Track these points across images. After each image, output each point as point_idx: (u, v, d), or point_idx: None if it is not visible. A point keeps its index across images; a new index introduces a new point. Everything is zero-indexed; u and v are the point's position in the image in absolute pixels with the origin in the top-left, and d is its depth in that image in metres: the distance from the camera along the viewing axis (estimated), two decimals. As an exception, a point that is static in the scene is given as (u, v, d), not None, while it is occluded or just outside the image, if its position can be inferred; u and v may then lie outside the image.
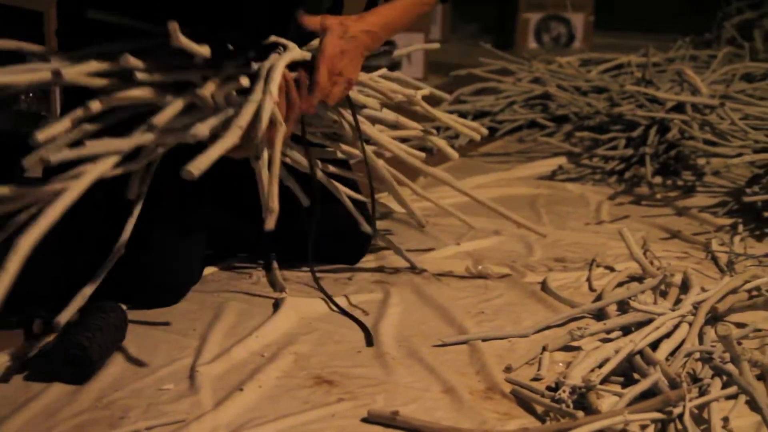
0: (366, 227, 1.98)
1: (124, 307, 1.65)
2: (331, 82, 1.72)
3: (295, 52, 1.70)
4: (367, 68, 1.88)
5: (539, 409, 1.46)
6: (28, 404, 1.42)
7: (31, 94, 3.01)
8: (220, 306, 1.81)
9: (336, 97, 1.74)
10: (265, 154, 1.58)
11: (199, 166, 1.41)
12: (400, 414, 1.40)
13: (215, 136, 1.50)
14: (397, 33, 1.91)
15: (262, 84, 1.60)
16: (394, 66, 4.80)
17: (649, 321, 1.67)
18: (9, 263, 1.19)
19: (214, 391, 1.49)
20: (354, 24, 1.76)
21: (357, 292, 1.92)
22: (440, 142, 2.09)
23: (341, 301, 1.87)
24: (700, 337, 1.66)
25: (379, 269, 2.04)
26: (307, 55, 1.73)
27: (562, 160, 3.03)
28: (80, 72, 1.52)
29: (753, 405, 1.43)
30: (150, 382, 1.52)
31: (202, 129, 1.47)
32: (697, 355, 1.58)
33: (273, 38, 1.71)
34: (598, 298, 1.90)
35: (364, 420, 1.42)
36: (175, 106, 1.54)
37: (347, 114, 1.84)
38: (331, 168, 1.93)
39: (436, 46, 2.24)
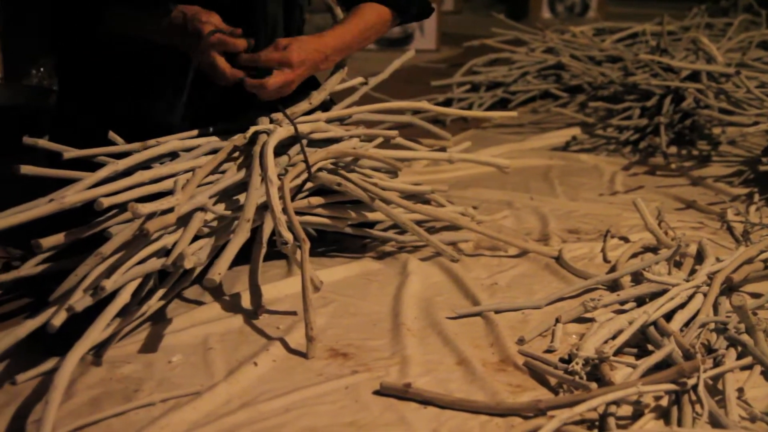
0: None
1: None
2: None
3: (281, 131, 1.75)
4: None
5: (552, 381, 1.46)
6: (42, 378, 1.42)
7: (42, 69, 3.01)
8: (232, 278, 1.81)
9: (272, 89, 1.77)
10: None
11: (219, 270, 1.45)
12: (412, 386, 1.40)
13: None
14: (350, 53, 1.95)
15: (257, 170, 1.66)
16: (405, 39, 4.78)
17: (664, 292, 1.67)
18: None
19: (227, 364, 1.49)
20: (310, 39, 1.83)
21: (372, 262, 1.92)
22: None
23: (355, 270, 1.87)
24: (715, 307, 1.65)
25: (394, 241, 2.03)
26: (291, 131, 1.78)
27: (575, 131, 3.02)
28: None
29: (768, 375, 1.42)
30: (160, 355, 1.52)
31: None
32: (712, 325, 1.58)
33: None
34: (613, 269, 1.90)
35: (377, 392, 1.42)
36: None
37: (349, 180, 1.85)
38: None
39: (410, 54, 2.21)
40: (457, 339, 1.60)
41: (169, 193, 1.57)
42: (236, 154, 1.74)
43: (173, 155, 1.70)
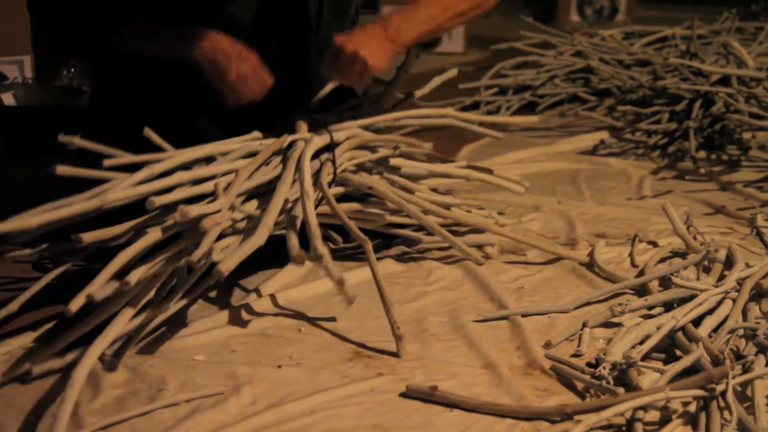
0: None
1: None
2: (350, 60, 1.72)
3: (318, 141, 1.74)
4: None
5: (579, 385, 1.45)
6: (63, 379, 1.42)
7: (73, 70, 3.03)
8: (255, 281, 1.81)
9: (353, 76, 1.74)
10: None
11: (229, 265, 1.42)
12: (438, 389, 1.40)
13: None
14: (440, 29, 1.87)
15: (289, 178, 1.65)
16: (433, 42, 4.76)
17: (692, 297, 1.65)
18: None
19: (251, 366, 1.49)
20: (370, 26, 1.77)
21: (395, 265, 1.92)
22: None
23: (378, 272, 1.86)
24: (744, 313, 1.64)
25: (417, 245, 2.02)
26: (327, 140, 1.77)
27: (603, 135, 3.00)
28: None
29: (798, 383, 1.40)
30: (183, 356, 1.52)
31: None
32: (741, 331, 1.56)
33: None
34: (641, 273, 1.88)
35: (403, 395, 1.42)
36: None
37: (380, 183, 1.84)
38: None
39: (453, 73, 2.18)
40: (482, 342, 1.59)
41: (207, 195, 1.57)
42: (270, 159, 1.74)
43: (209, 159, 1.70)
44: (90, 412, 1.34)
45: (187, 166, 1.65)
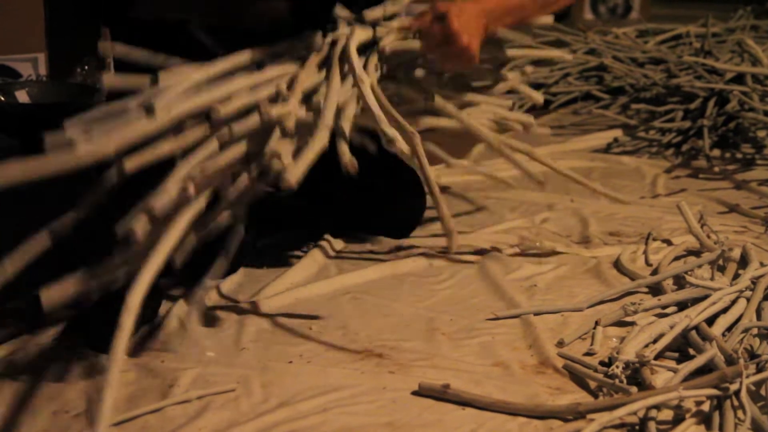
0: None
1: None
2: (456, 50, 1.64)
3: (360, 33, 1.64)
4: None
5: (592, 384, 1.44)
6: (77, 376, 1.44)
7: (86, 66, 3.03)
8: (264, 278, 1.81)
9: (453, 61, 1.68)
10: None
11: (296, 173, 1.36)
12: (450, 387, 1.39)
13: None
14: (525, 19, 1.79)
15: (337, 72, 1.54)
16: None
17: (706, 296, 1.64)
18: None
19: (261, 363, 1.50)
20: (470, 5, 1.68)
21: (404, 263, 1.91)
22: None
23: (387, 271, 1.86)
24: (758, 312, 1.63)
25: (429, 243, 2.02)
26: (370, 34, 1.67)
27: (617, 133, 2.98)
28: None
29: (813, 382, 1.39)
30: (194, 353, 1.52)
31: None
32: (755, 330, 1.55)
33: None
34: (654, 272, 1.87)
35: (415, 393, 1.41)
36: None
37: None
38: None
39: None
40: (494, 341, 1.59)
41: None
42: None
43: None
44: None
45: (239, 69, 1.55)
